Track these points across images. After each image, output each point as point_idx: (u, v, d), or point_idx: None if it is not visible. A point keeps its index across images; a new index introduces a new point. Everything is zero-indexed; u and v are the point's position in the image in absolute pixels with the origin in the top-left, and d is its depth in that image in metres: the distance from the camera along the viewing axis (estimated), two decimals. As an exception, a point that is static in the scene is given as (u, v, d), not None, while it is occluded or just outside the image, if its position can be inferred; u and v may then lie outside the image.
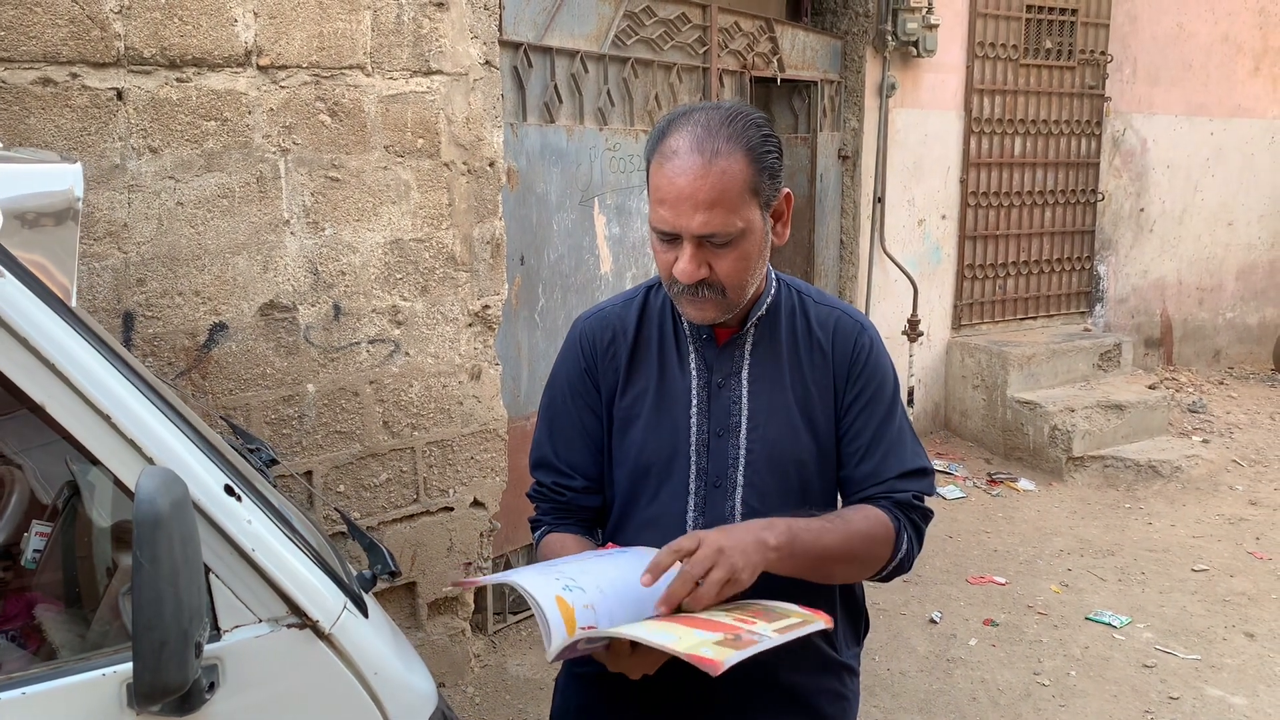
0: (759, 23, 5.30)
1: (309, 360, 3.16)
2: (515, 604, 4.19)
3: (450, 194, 3.39)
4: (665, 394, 1.67)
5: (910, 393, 6.55)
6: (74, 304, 1.18)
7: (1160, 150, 7.69)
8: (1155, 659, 4.05)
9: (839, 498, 1.74)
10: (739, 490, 1.63)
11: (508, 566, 4.15)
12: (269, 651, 1.16)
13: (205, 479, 1.12)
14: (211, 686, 1.10)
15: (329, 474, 3.24)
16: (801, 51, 5.73)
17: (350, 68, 3.14)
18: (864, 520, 1.59)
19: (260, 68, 2.98)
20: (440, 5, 3.30)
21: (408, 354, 3.37)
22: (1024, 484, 6.06)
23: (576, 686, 1.78)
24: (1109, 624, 4.34)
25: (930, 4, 6.09)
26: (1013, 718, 3.64)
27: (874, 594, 4.62)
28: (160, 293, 2.87)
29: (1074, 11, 6.99)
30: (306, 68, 3.05)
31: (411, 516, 3.48)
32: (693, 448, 1.64)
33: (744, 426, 1.64)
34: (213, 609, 1.13)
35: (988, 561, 5.02)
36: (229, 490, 1.14)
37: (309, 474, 3.18)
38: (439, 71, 3.32)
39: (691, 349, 1.67)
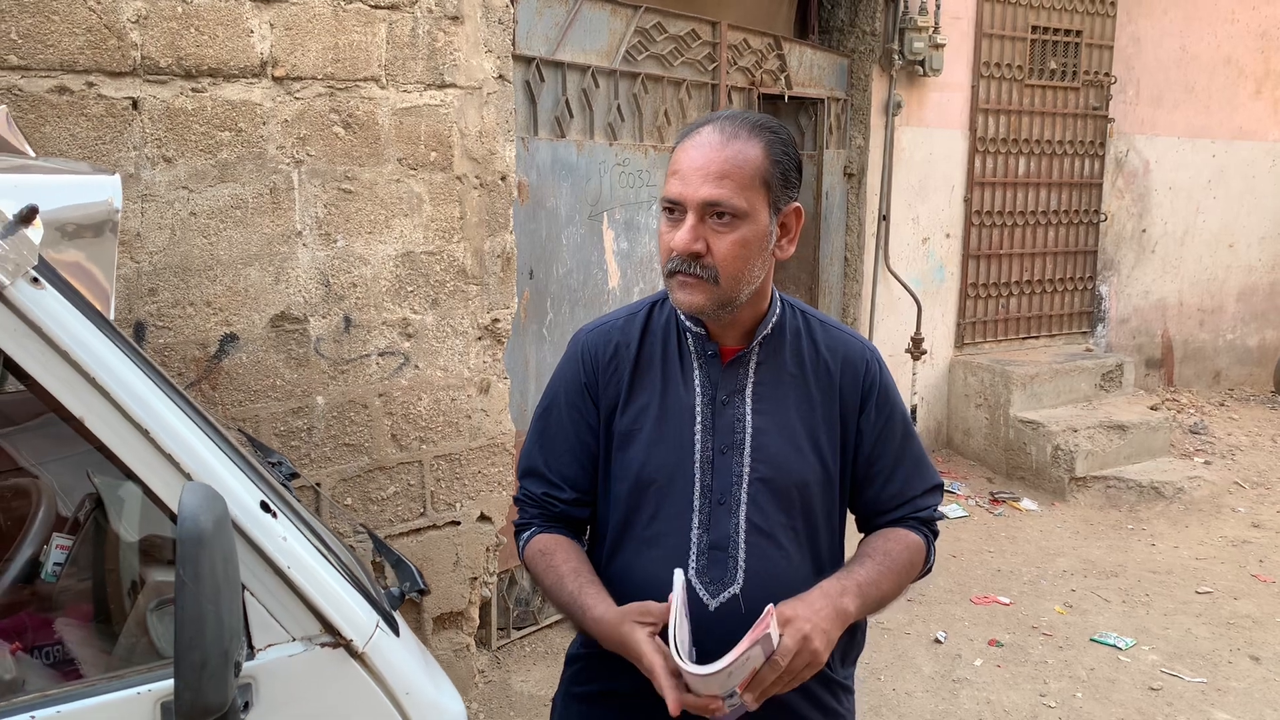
0: (767, 40, 5.31)
1: (319, 372, 3.15)
2: (519, 619, 4.17)
3: (462, 207, 3.39)
4: (668, 410, 1.66)
5: (913, 411, 6.54)
6: (112, 316, 1.18)
7: (1162, 171, 7.71)
8: (1161, 682, 4.03)
9: (849, 515, 1.78)
10: (743, 508, 1.62)
11: (513, 582, 4.13)
12: (302, 671, 1.14)
13: (242, 495, 1.11)
14: (246, 706, 1.09)
15: (336, 487, 3.23)
16: (809, 69, 5.74)
17: (365, 80, 3.14)
18: (905, 552, 1.67)
19: (275, 79, 2.97)
20: (455, 19, 3.30)
21: (417, 367, 3.36)
22: (1027, 504, 6.05)
23: (574, 706, 1.78)
24: (1114, 646, 4.33)
25: (937, 24, 6.11)
26: (1020, 740, 3.63)
27: (879, 614, 4.60)
28: (172, 303, 2.85)
29: (1078, 33, 7.02)
30: (321, 79, 3.05)
31: (418, 530, 3.46)
32: (697, 464, 1.63)
33: (748, 444, 1.63)
34: (247, 627, 1.12)
35: (991, 581, 5.00)
36: (265, 507, 1.13)
37: (317, 487, 3.16)
38: (453, 85, 3.32)
39: (696, 365, 1.67)
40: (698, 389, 1.65)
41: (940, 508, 1.79)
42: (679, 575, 1.47)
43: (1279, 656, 4.24)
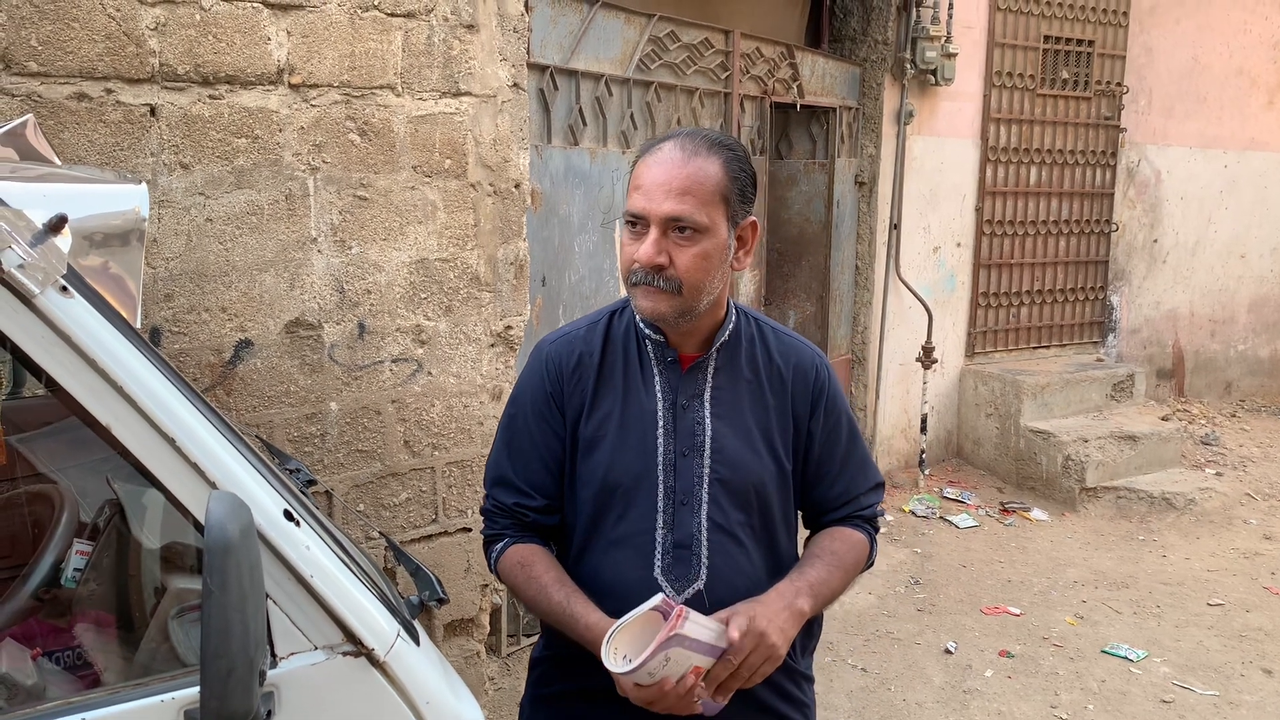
0: (780, 49, 5.32)
1: (332, 379, 3.15)
2: (529, 626, 4.17)
3: (476, 215, 3.39)
4: (630, 415, 1.71)
5: (923, 420, 6.53)
6: (139, 324, 1.18)
7: (1174, 182, 7.70)
8: (1173, 694, 4.02)
9: (800, 514, 1.89)
10: (704, 507, 1.70)
11: (523, 588, 4.12)
12: (324, 679, 1.15)
13: (266, 504, 1.11)
14: (269, 715, 1.09)
15: (349, 493, 3.23)
16: (821, 78, 5.75)
17: (380, 88, 3.15)
18: (851, 550, 1.79)
19: (292, 86, 2.98)
20: (471, 27, 3.31)
21: (430, 374, 3.36)
22: (1037, 514, 6.03)
23: (543, 708, 1.87)
24: (1125, 658, 4.31)
25: (949, 33, 6.11)
26: (1031, 751, 3.61)
27: (889, 624, 4.60)
28: (187, 308, 2.86)
29: (1091, 43, 7.01)
30: (337, 87, 3.06)
31: (430, 537, 3.46)
32: (660, 467, 1.69)
33: (708, 447, 1.70)
34: (270, 635, 1.12)
35: (1002, 592, 4.99)
36: (288, 515, 1.13)
37: (330, 493, 3.17)
38: (468, 93, 3.33)
39: (656, 372, 1.73)
40: (659, 394, 1.72)
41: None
42: (660, 597, 1.49)
43: (1292, 670, 4.22)
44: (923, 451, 6.53)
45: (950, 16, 6.11)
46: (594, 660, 1.55)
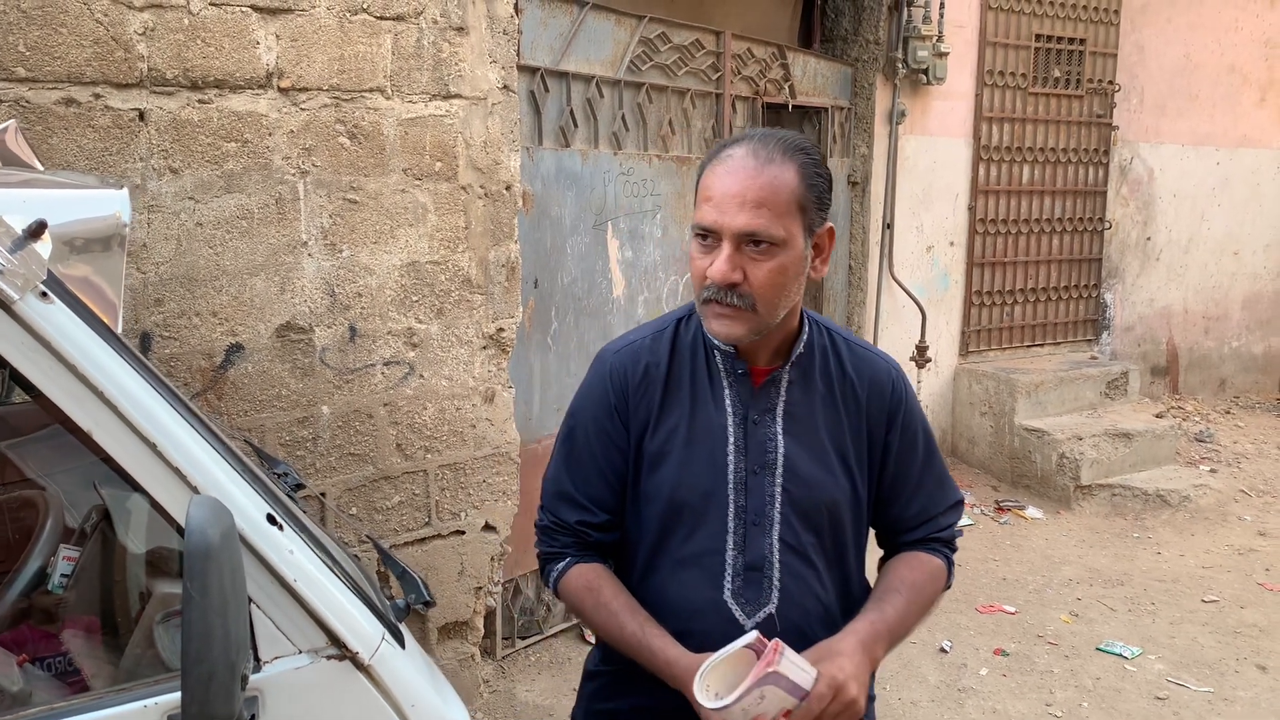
0: (771, 49, 5.32)
1: (324, 382, 3.15)
2: (524, 629, 4.17)
3: (467, 217, 3.39)
4: (698, 430, 1.64)
5: (917, 419, 6.52)
6: (120, 329, 1.18)
7: (1167, 179, 7.71)
8: (1168, 691, 4.02)
9: (872, 532, 1.80)
10: (776, 528, 1.63)
11: (518, 591, 4.13)
12: (308, 683, 1.15)
13: (248, 508, 1.11)
14: (252, 718, 1.09)
15: (341, 496, 3.23)
16: (813, 78, 5.75)
17: (370, 91, 3.15)
18: (930, 582, 1.72)
19: (281, 90, 2.98)
20: (460, 30, 3.31)
21: (422, 376, 3.36)
22: (1032, 512, 6.04)
23: None
24: (1120, 655, 4.32)
25: (940, 32, 6.12)
26: (1026, 749, 3.62)
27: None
28: (178, 313, 2.86)
29: (1082, 41, 7.03)
30: (327, 90, 3.06)
31: (423, 540, 3.46)
32: (730, 485, 1.62)
33: (780, 465, 1.62)
34: (253, 639, 1.12)
35: (997, 590, 4.99)
36: (271, 519, 1.13)
37: (322, 497, 3.17)
38: (458, 95, 3.33)
39: (726, 385, 1.65)
40: (729, 409, 1.64)
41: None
42: (754, 635, 1.43)
43: (1286, 666, 4.23)
44: (917, 450, 6.52)
45: (941, 16, 6.12)
46: (656, 680, 1.54)
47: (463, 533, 3.56)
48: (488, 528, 3.62)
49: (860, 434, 1.68)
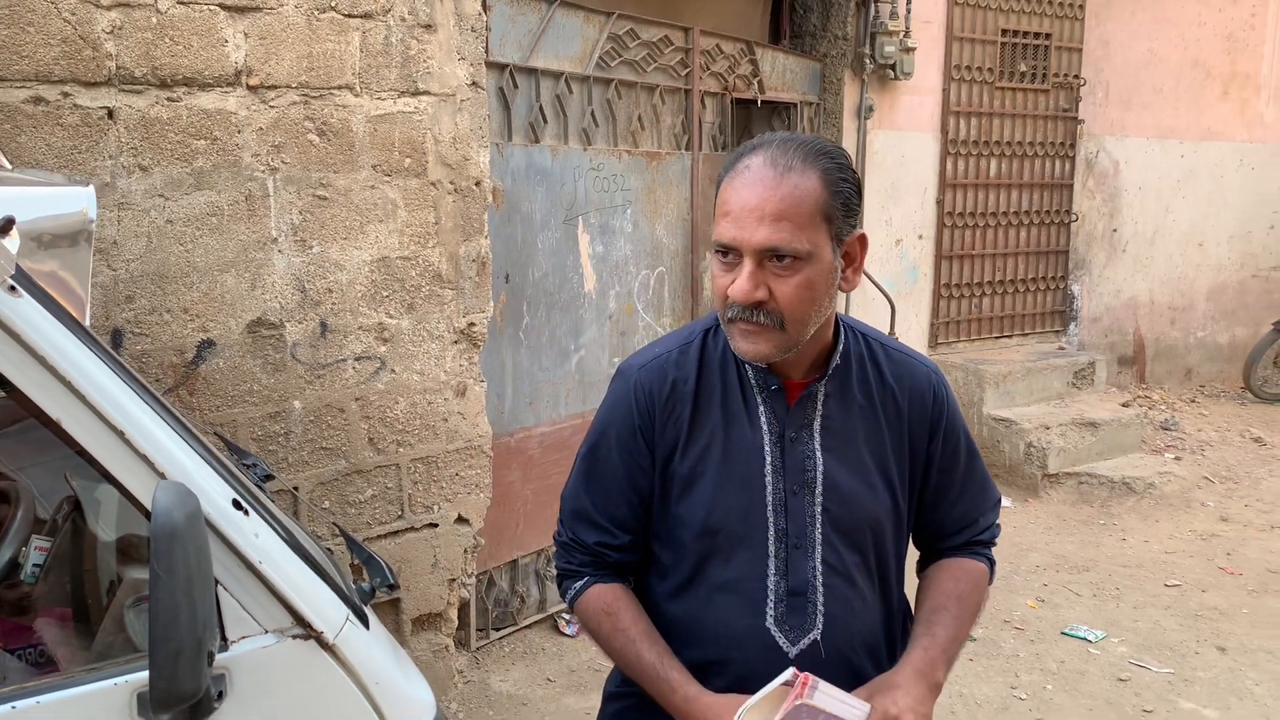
0: (740, 45, 5.38)
1: (295, 377, 3.18)
2: (498, 620, 4.21)
3: (437, 213, 3.43)
4: (733, 450, 1.56)
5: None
6: (88, 322, 1.22)
7: (1132, 172, 7.83)
8: (1130, 673, 4.11)
9: (911, 540, 1.73)
10: (818, 550, 1.55)
11: (491, 584, 4.17)
12: (275, 662, 1.19)
13: (214, 494, 1.15)
14: (220, 695, 1.13)
15: (314, 490, 3.26)
16: (781, 74, 5.81)
17: (339, 88, 3.18)
18: (975, 591, 1.66)
19: (250, 88, 3.01)
20: (428, 27, 3.34)
21: (393, 371, 3.40)
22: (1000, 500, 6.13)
23: None
24: (1084, 639, 4.41)
25: (907, 28, 6.19)
26: (991, 731, 3.70)
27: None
28: (149, 309, 2.89)
29: (1048, 36, 7.12)
30: (295, 88, 3.09)
31: (396, 533, 3.50)
32: (770, 507, 1.54)
33: (820, 483, 1.55)
34: (220, 620, 1.16)
35: (965, 577, 5.07)
36: (236, 504, 1.17)
37: (295, 490, 3.20)
38: (426, 92, 3.37)
39: (760, 401, 1.57)
40: (764, 426, 1.56)
41: None
42: (790, 671, 1.38)
43: (1245, 646, 4.33)
44: (889, 441, 6.61)
45: (909, 11, 6.19)
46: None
47: (436, 525, 3.60)
48: (460, 520, 3.66)
49: (902, 445, 1.61)
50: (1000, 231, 7.20)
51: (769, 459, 1.55)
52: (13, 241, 1.07)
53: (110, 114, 2.78)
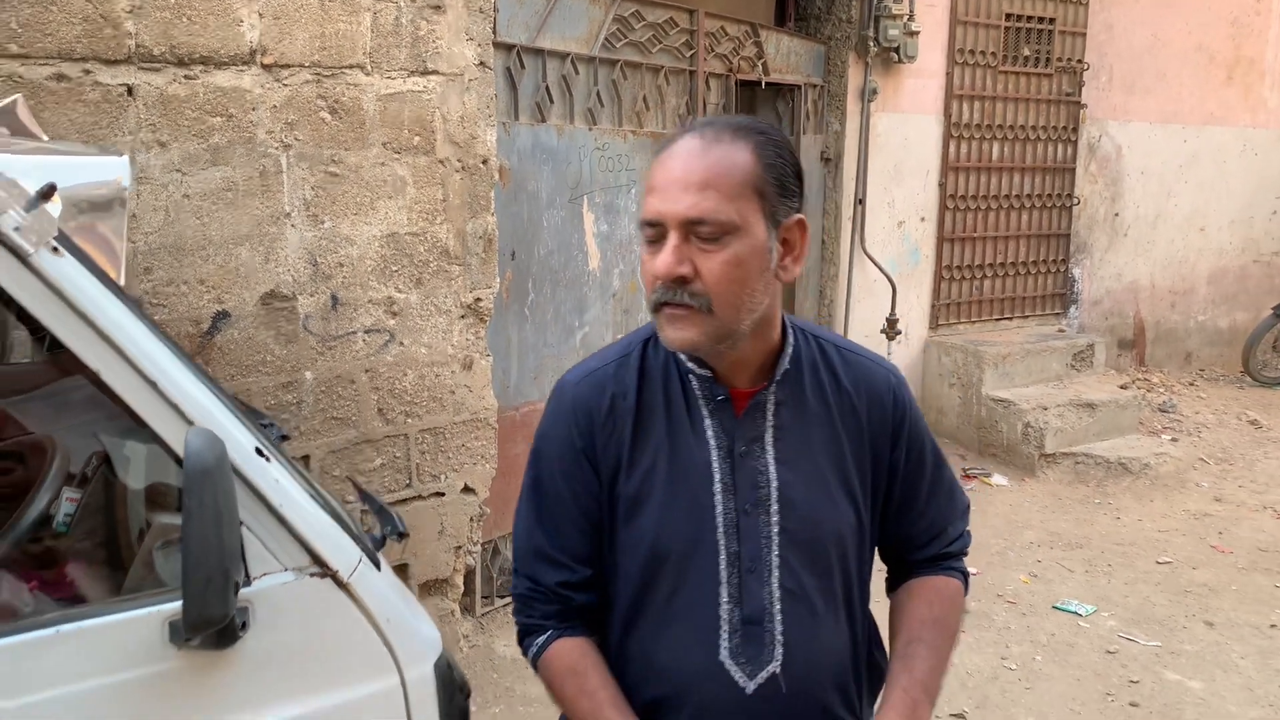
0: (744, 27, 5.44)
1: (307, 348, 3.28)
2: (503, 587, 4.32)
3: (445, 190, 3.52)
4: (678, 468, 1.44)
5: (888, 390, 6.70)
6: (122, 281, 1.32)
7: (1135, 157, 7.88)
8: (1118, 646, 4.21)
9: (877, 555, 1.62)
10: (775, 573, 1.44)
11: (495, 552, 4.28)
12: (293, 597, 1.29)
13: (239, 439, 1.25)
14: (244, 626, 1.24)
15: (325, 458, 3.37)
16: (786, 56, 5.88)
17: (350, 67, 3.27)
18: (951, 611, 1.58)
19: (264, 66, 3.10)
20: (437, 8, 3.43)
21: (402, 344, 3.50)
22: (997, 479, 6.23)
23: None
24: (1075, 613, 4.51)
25: (912, 11, 6.25)
26: (980, 699, 3.80)
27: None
28: (166, 281, 2.99)
29: (1052, 20, 7.16)
30: (308, 66, 3.18)
31: (404, 501, 3.61)
32: (720, 529, 1.43)
33: (775, 500, 1.44)
34: (244, 557, 1.26)
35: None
36: (259, 451, 1.27)
37: (306, 458, 3.30)
38: (435, 72, 3.45)
39: (705, 413, 1.45)
40: (711, 441, 1.44)
41: None
42: None
43: (1231, 621, 4.43)
44: (889, 421, 6.70)
45: (913, -5, 6.25)
46: None
47: (442, 494, 3.71)
48: (467, 490, 3.77)
49: (863, 454, 1.49)
50: (1002, 214, 7.27)
51: (718, 476, 1.43)
52: (54, 206, 1.17)
53: (130, 91, 2.88)
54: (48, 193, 1.18)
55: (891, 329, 6.61)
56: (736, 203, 1.32)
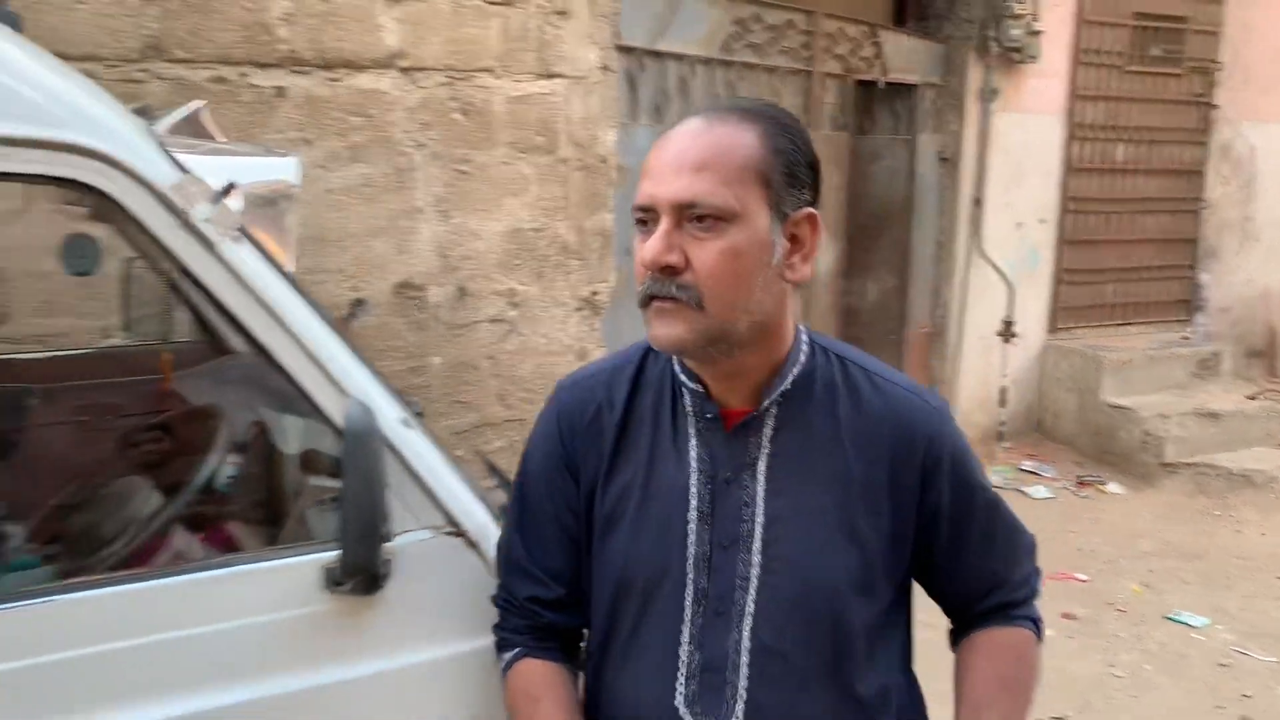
0: (863, 28, 5.48)
1: (435, 335, 3.48)
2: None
3: (565, 188, 3.68)
4: (654, 490, 1.30)
5: (1002, 393, 6.64)
6: (291, 269, 1.49)
7: (1270, 159, 7.59)
8: (1232, 659, 4.13)
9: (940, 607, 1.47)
10: (747, 620, 1.26)
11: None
12: (429, 554, 1.44)
13: (387, 411, 1.42)
14: (386, 576, 1.39)
15: (449, 440, 3.56)
16: (905, 56, 5.88)
17: (480, 70, 3.45)
18: (1020, 664, 1.39)
19: (402, 70, 3.30)
20: (563, 14, 3.59)
21: (522, 334, 3.68)
22: (1113, 487, 6.12)
23: None
24: (1187, 624, 4.43)
25: (1036, 11, 6.17)
26: (1082, 704, 3.78)
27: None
28: (309, 269, 3.21)
29: (1184, 19, 6.97)
30: (442, 70, 3.37)
31: (520, 483, 3.78)
32: (690, 561, 1.28)
33: (758, 536, 1.27)
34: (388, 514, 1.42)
35: (1071, 559, 5.12)
36: (404, 422, 1.43)
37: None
38: (559, 75, 3.61)
39: (692, 432, 1.30)
40: (693, 464, 1.29)
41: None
42: None
43: (1356, 641, 4.30)
44: (1001, 424, 6.64)
45: (1037, -6, 6.18)
46: None
47: (556, 479, 3.86)
48: (579, 475, 3.92)
49: (880, 493, 1.28)
50: (1126, 218, 7.10)
51: (694, 503, 1.28)
52: (236, 201, 1.34)
53: (280, 92, 3.11)
54: (230, 189, 1.35)
55: (1007, 331, 6.55)
56: (735, 187, 1.17)
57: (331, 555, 1.34)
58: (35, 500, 1.81)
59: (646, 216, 1.20)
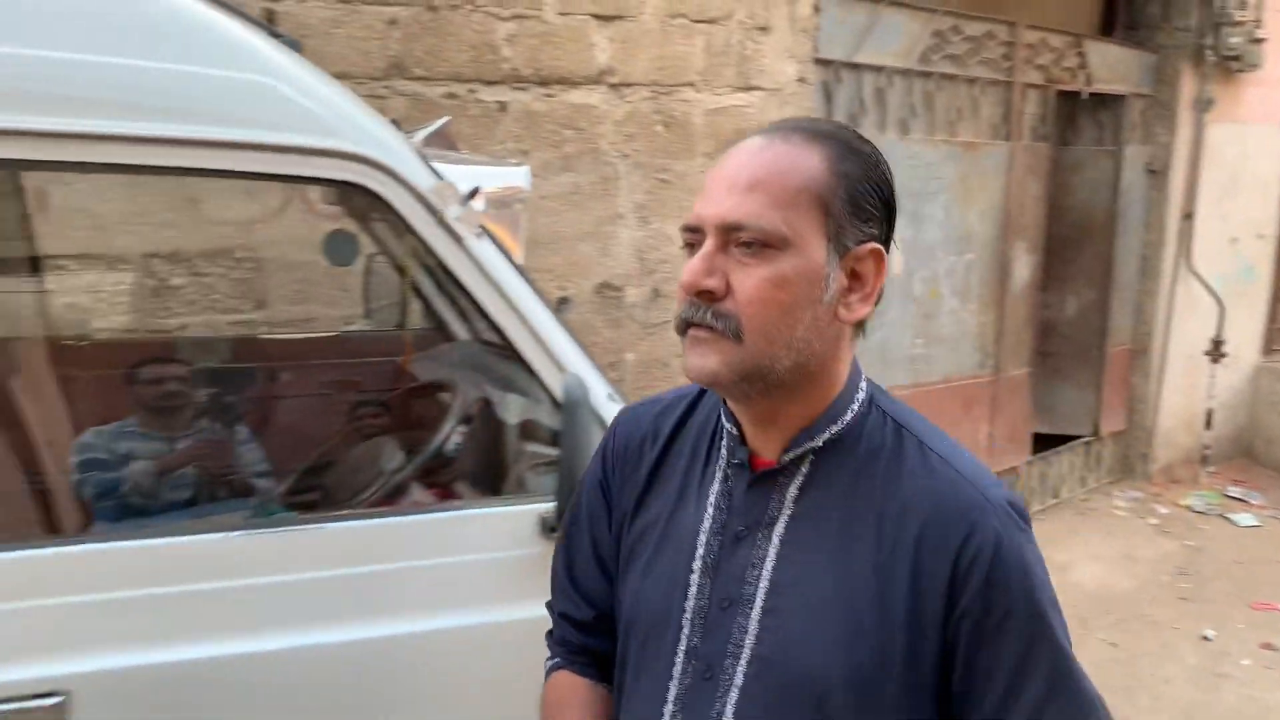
0: (1067, 38, 5.41)
1: (630, 333, 3.73)
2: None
3: (760, 196, 3.85)
4: (671, 533, 1.19)
5: (1209, 415, 6.37)
6: (520, 262, 1.73)
7: None
8: None
9: None
10: (733, 693, 1.10)
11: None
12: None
13: (597, 387, 1.64)
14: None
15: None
16: (1111, 66, 5.75)
17: (683, 85, 3.67)
18: None
19: (610, 85, 3.56)
20: (764, 30, 3.77)
21: (713, 334, 3.86)
22: (1328, 518, 5.77)
23: None
24: None
25: (1260, 18, 5.91)
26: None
27: (1146, 608, 4.68)
28: (525, 268, 3.50)
29: None
30: (647, 85, 3.61)
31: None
32: (686, 614, 1.15)
33: (758, 603, 1.11)
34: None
35: (1276, 589, 4.89)
36: (610, 397, 1.65)
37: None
38: (757, 88, 3.80)
39: (718, 476, 1.17)
40: (709, 511, 1.16)
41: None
42: None
43: None
44: (1206, 448, 6.37)
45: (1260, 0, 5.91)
46: None
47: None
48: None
49: (894, 590, 1.06)
50: (1356, 234, 6.68)
51: (699, 553, 1.15)
52: (479, 203, 1.59)
53: (502, 107, 3.42)
54: (474, 192, 1.60)
55: (1216, 351, 6.28)
56: (787, 211, 1.04)
57: (547, 506, 1.56)
58: (301, 455, 2.14)
59: (693, 239, 1.08)
